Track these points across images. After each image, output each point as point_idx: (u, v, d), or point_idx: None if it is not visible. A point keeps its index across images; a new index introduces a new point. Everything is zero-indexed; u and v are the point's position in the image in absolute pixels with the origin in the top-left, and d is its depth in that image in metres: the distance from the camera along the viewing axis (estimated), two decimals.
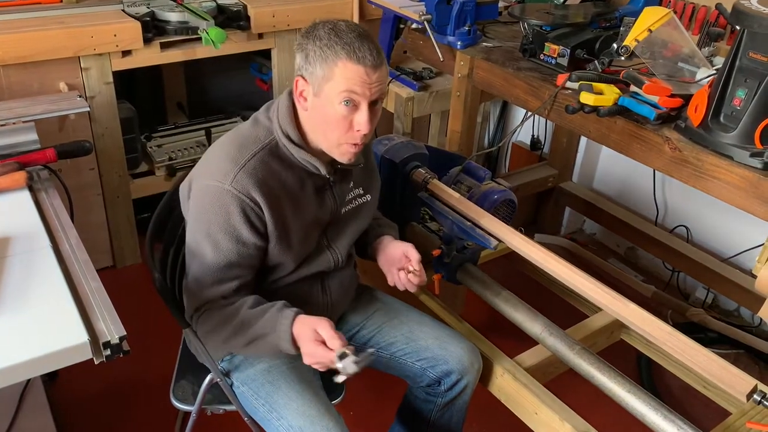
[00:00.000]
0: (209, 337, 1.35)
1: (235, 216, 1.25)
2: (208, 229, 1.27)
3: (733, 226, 2.35)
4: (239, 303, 1.31)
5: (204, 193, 1.28)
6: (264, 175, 1.26)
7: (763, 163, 1.40)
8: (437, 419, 1.58)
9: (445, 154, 1.99)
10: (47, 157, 1.57)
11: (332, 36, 1.21)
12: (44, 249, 1.26)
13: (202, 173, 1.31)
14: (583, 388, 1.61)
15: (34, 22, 2.15)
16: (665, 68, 1.73)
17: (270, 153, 1.29)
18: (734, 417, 1.58)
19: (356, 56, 1.19)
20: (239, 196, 1.24)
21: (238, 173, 1.24)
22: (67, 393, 2.01)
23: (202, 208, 1.28)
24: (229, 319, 1.30)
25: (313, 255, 1.42)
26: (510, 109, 3.08)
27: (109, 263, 2.56)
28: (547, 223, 2.84)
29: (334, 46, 1.20)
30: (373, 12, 2.60)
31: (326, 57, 1.20)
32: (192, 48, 2.35)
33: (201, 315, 1.33)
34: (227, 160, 1.27)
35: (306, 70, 1.23)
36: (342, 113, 1.23)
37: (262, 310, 1.30)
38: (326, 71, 1.21)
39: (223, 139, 1.34)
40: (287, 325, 1.25)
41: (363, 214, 1.50)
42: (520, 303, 1.73)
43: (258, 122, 1.33)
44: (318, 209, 1.37)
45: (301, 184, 1.33)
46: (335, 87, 1.21)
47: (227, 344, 1.33)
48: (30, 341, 1.04)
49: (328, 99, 1.22)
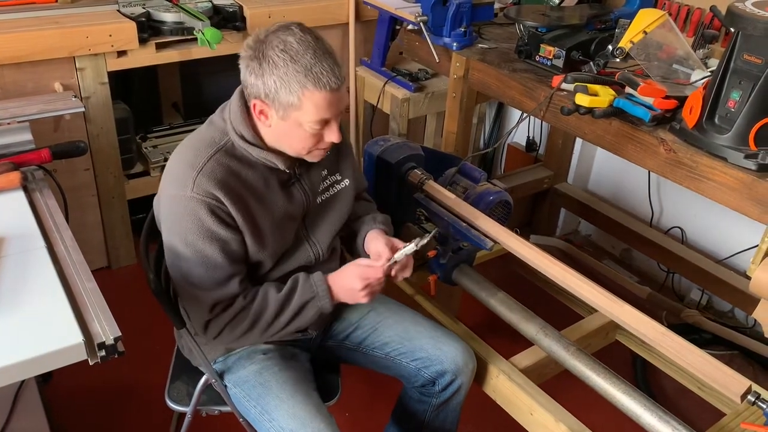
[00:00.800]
0: (245, 338, 1.34)
1: (207, 219, 1.25)
2: (185, 238, 1.26)
3: (727, 227, 2.35)
4: (262, 293, 1.32)
5: (171, 203, 1.28)
6: (223, 175, 1.26)
7: (758, 165, 1.40)
8: (432, 420, 1.58)
9: (440, 155, 1.99)
10: (42, 158, 1.56)
11: (289, 62, 1.16)
12: (39, 250, 1.26)
13: (166, 183, 1.30)
14: (578, 389, 1.62)
15: (29, 22, 2.14)
16: (660, 70, 1.74)
17: (226, 153, 1.28)
18: (728, 418, 1.58)
19: (321, 83, 1.17)
20: (203, 199, 1.24)
21: (196, 178, 1.24)
22: (62, 394, 2.00)
23: (174, 219, 1.27)
24: (262, 310, 1.31)
25: (292, 250, 1.41)
26: (505, 110, 3.09)
27: (104, 264, 2.55)
28: (543, 224, 2.85)
29: (296, 75, 1.17)
30: (369, 13, 2.60)
31: (290, 88, 1.17)
32: (187, 48, 2.35)
33: (226, 323, 1.31)
34: (185, 165, 1.26)
35: (266, 96, 1.20)
36: (312, 132, 1.24)
37: (290, 287, 1.34)
38: (292, 100, 1.19)
39: (181, 145, 1.33)
40: (322, 281, 1.34)
41: (342, 200, 1.48)
42: (516, 304, 1.73)
43: (212, 124, 1.33)
44: (287, 204, 1.36)
45: (265, 180, 1.32)
46: (305, 116, 1.21)
47: (267, 332, 1.33)
48: (24, 342, 1.03)
49: (296, 123, 1.22)
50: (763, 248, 1.48)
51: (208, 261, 1.27)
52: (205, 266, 1.27)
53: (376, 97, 2.55)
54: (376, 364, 1.56)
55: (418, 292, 1.89)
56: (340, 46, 2.68)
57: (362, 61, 2.66)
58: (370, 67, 2.62)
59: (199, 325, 1.34)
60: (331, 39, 2.64)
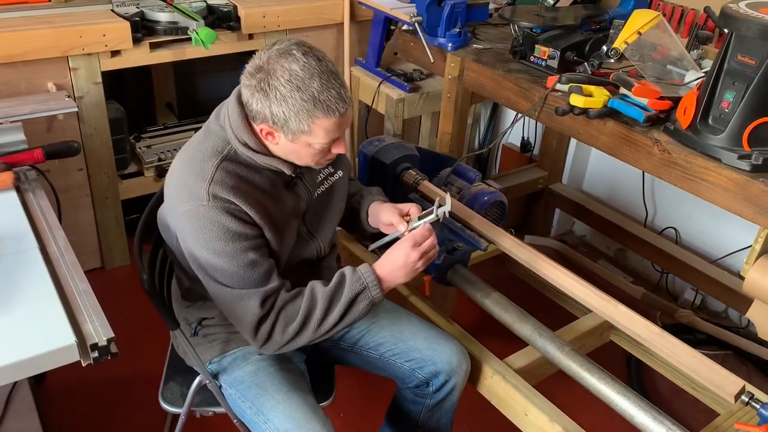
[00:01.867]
0: (296, 340, 1.30)
1: (228, 222, 1.24)
2: (213, 248, 1.24)
3: (721, 228, 2.36)
4: (309, 290, 1.30)
5: (189, 218, 1.25)
6: (233, 182, 1.25)
7: (751, 166, 1.41)
8: (426, 420, 1.58)
9: (435, 156, 1.99)
10: (35, 158, 1.56)
11: (296, 92, 1.16)
12: (31, 250, 1.25)
13: (176, 200, 1.28)
14: (572, 389, 1.62)
15: (22, 21, 2.13)
16: (654, 71, 1.74)
17: (231, 161, 1.27)
18: (722, 418, 1.59)
19: (331, 110, 1.18)
20: (220, 205, 1.23)
21: (209, 188, 1.23)
22: (55, 395, 2.00)
23: (197, 233, 1.25)
24: (312, 308, 1.29)
25: (295, 244, 1.40)
26: (500, 111, 3.09)
27: (97, 264, 2.54)
28: (537, 224, 2.85)
29: (304, 105, 1.16)
30: (364, 13, 2.60)
31: (299, 118, 1.18)
32: (182, 48, 2.34)
33: (274, 323, 1.28)
34: (194, 178, 1.25)
35: (274, 123, 1.20)
36: (321, 150, 1.25)
37: (337, 282, 1.31)
38: (302, 128, 1.19)
39: (181, 159, 1.31)
40: (369, 271, 1.31)
41: (337, 191, 1.48)
42: (510, 304, 1.73)
43: (210, 132, 1.31)
44: (294, 201, 1.36)
45: (271, 182, 1.32)
46: (315, 139, 1.22)
47: (319, 330, 1.30)
48: (17, 343, 1.03)
49: (305, 144, 1.23)
50: (756, 248, 1.48)
51: (244, 261, 1.25)
52: (242, 267, 1.25)
53: (370, 97, 2.55)
54: (371, 364, 1.56)
55: (412, 293, 1.88)
56: (334, 46, 2.68)
57: (357, 62, 2.66)
58: (365, 68, 2.62)
59: (249, 328, 1.28)
60: (326, 39, 2.64)
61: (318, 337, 1.31)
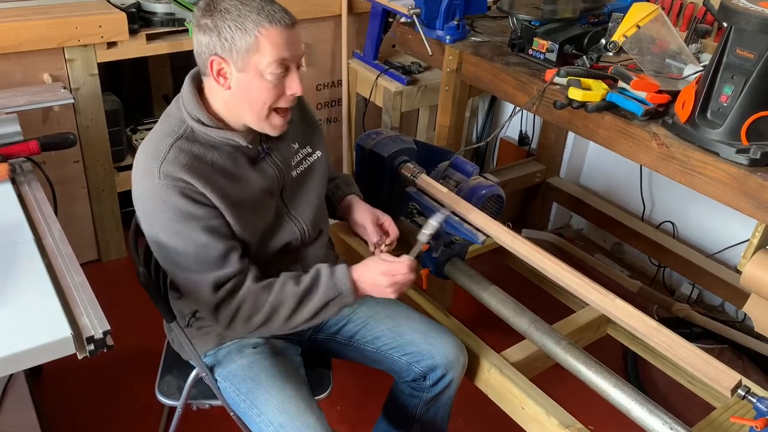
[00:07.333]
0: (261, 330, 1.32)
1: (180, 202, 1.23)
2: (166, 228, 1.25)
3: (718, 222, 2.36)
4: (279, 285, 1.30)
5: (143, 198, 1.27)
6: (186, 160, 1.25)
7: (749, 160, 1.40)
8: (423, 414, 1.58)
9: (433, 149, 1.98)
10: (30, 149, 1.55)
11: (240, 6, 1.19)
12: (27, 242, 1.24)
13: (134, 182, 1.29)
14: (569, 382, 1.62)
15: (16, 12, 2.12)
16: (653, 64, 1.73)
17: (187, 140, 1.27)
18: (718, 411, 1.59)
19: (275, 19, 1.19)
20: (171, 184, 1.23)
21: (161, 167, 1.23)
22: (51, 388, 1.99)
23: (150, 212, 1.26)
24: (279, 304, 1.29)
25: (275, 227, 1.39)
26: (498, 104, 3.08)
27: (93, 257, 2.53)
28: (535, 218, 2.85)
29: (249, 15, 1.19)
30: (362, 5, 2.59)
31: (245, 28, 1.19)
32: (178, 40, 2.33)
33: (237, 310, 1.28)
34: (148, 158, 1.25)
35: (222, 48, 1.21)
36: (273, 82, 1.23)
37: (311, 282, 1.31)
38: (249, 43, 1.19)
39: (143, 142, 1.32)
40: (346, 277, 1.31)
41: (317, 173, 1.47)
42: (508, 298, 1.73)
43: (170, 115, 1.32)
44: (261, 180, 1.35)
45: (233, 160, 1.31)
46: (264, 57, 1.20)
47: (287, 324, 1.31)
48: (12, 336, 1.02)
49: (256, 71, 1.22)
50: (753, 243, 1.48)
51: (195, 242, 1.25)
52: (194, 248, 1.25)
53: (368, 90, 2.54)
54: (367, 358, 1.56)
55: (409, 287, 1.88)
56: (332, 39, 2.66)
57: (355, 54, 2.65)
58: (363, 60, 2.61)
59: (208, 312, 1.30)
60: (324, 31, 2.63)
61: (287, 329, 1.33)
